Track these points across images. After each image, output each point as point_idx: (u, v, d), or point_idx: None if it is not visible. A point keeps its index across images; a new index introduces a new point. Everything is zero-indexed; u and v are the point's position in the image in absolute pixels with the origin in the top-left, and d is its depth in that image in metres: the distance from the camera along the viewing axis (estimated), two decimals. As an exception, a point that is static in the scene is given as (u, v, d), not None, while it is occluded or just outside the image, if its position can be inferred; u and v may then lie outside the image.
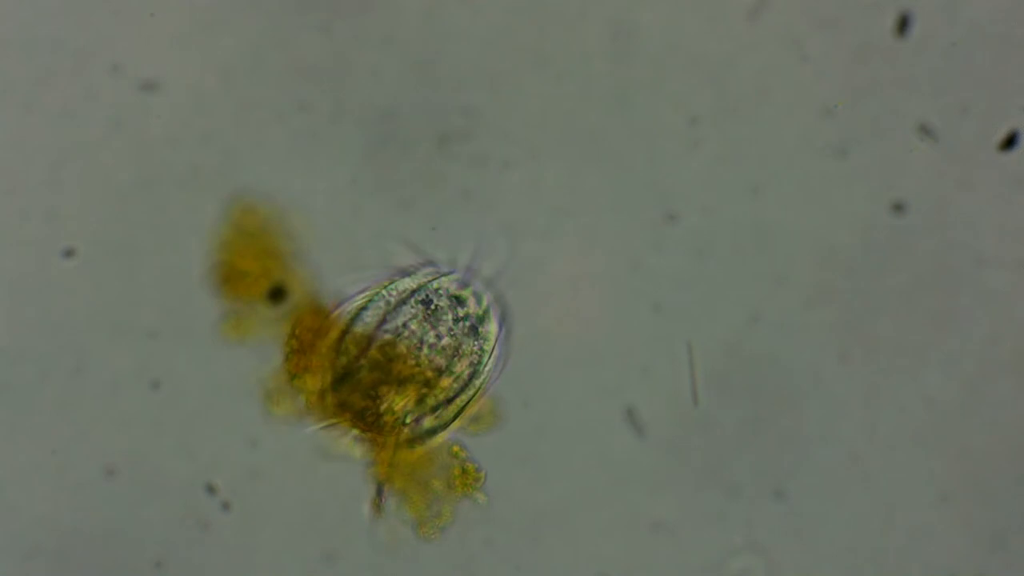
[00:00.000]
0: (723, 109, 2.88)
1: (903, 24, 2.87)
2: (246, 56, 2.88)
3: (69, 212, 2.86)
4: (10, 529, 2.86)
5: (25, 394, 2.85)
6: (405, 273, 2.85)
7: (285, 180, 2.85)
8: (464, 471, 2.84)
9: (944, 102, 2.88)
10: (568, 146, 2.88)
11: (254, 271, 2.82)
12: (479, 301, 2.85)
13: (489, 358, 2.84)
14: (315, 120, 2.86)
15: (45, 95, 2.86)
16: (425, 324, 2.81)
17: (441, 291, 2.83)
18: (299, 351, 2.82)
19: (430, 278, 2.84)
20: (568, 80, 2.88)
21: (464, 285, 2.84)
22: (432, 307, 2.82)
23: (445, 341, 2.81)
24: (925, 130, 2.84)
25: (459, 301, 2.83)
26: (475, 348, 2.83)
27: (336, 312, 2.84)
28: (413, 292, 2.82)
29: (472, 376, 2.82)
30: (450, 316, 2.82)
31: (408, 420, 2.80)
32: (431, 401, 2.80)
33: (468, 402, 2.83)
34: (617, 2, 2.89)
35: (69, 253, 2.85)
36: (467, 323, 2.82)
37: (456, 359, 2.81)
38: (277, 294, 2.83)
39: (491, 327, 2.84)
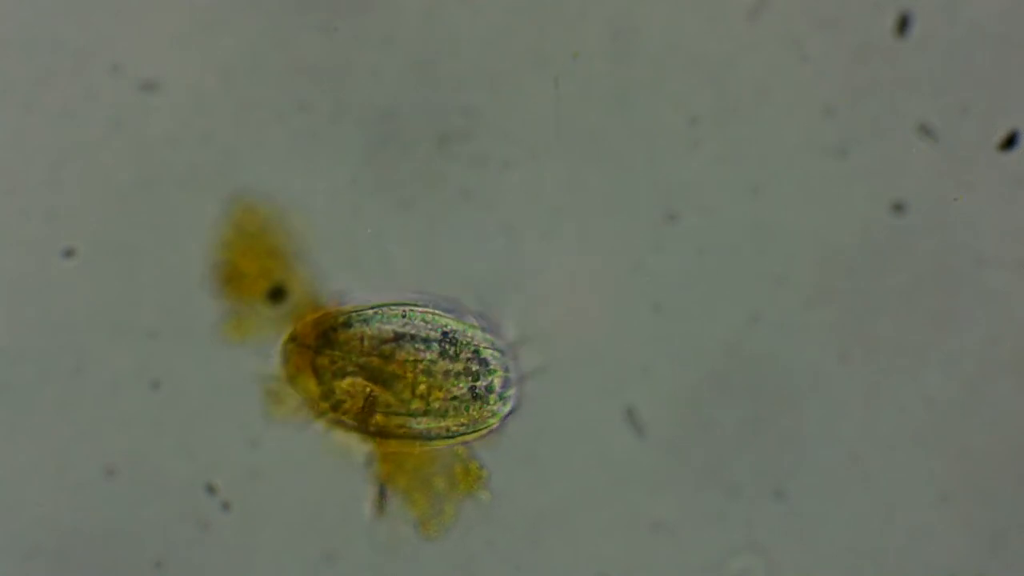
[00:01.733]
0: (723, 109, 2.88)
1: (903, 24, 2.87)
2: (246, 56, 2.88)
3: (69, 212, 2.86)
4: (10, 529, 2.86)
5: (25, 394, 2.85)
6: (453, 312, 2.86)
7: (285, 180, 2.85)
8: (467, 470, 2.84)
9: (944, 102, 2.89)
10: (568, 146, 2.88)
11: (254, 271, 2.82)
12: (503, 384, 2.86)
13: (480, 421, 2.84)
14: (315, 120, 2.86)
15: (45, 95, 2.86)
16: (434, 351, 2.82)
17: (471, 341, 2.84)
18: (299, 351, 2.83)
19: (473, 329, 2.85)
20: (568, 80, 2.88)
21: (500, 360, 2.85)
22: (452, 348, 2.82)
23: (440, 365, 2.81)
24: (925, 130, 2.84)
25: (480, 360, 2.84)
26: (462, 395, 2.83)
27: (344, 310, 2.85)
28: (446, 330, 2.83)
29: (443, 414, 2.82)
30: (462, 363, 2.83)
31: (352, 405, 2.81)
32: (392, 402, 2.80)
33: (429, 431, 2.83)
34: (617, 2, 2.89)
35: (69, 253, 2.85)
36: (473, 380, 2.83)
37: (438, 390, 2.81)
38: (277, 294, 2.83)
39: (496, 405, 2.85)
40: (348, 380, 2.80)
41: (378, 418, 2.81)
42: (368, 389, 2.76)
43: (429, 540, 2.84)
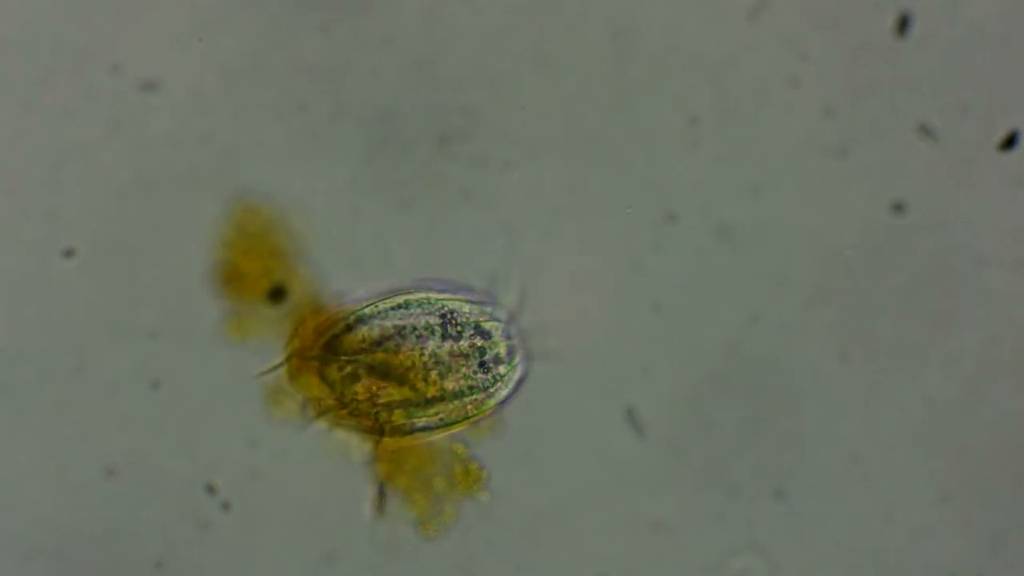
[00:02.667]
0: (723, 109, 2.88)
1: (903, 24, 2.87)
2: (246, 56, 2.88)
3: (69, 212, 2.86)
4: (10, 529, 2.86)
5: (25, 394, 2.85)
6: (445, 290, 2.86)
7: (285, 180, 2.85)
8: (467, 470, 2.84)
9: (944, 102, 2.89)
10: (568, 146, 2.88)
11: (255, 271, 2.82)
12: (508, 350, 2.86)
13: (490, 396, 2.84)
14: (315, 120, 2.86)
15: (45, 95, 2.86)
16: (437, 335, 2.82)
17: (470, 318, 2.84)
18: (300, 351, 2.83)
19: (468, 304, 2.85)
20: (568, 80, 2.88)
21: (500, 328, 2.85)
22: (454, 329, 2.83)
23: (445, 348, 2.81)
24: (925, 130, 2.84)
25: (483, 333, 2.84)
26: (473, 373, 2.83)
27: (343, 310, 2.85)
28: (443, 312, 2.83)
29: (459, 395, 2.82)
30: (466, 341, 2.83)
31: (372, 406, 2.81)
32: (409, 395, 2.80)
33: (448, 417, 2.83)
34: (617, 2, 2.89)
35: (69, 253, 2.85)
36: (480, 355, 2.83)
37: (449, 373, 2.81)
38: (277, 294, 2.83)
39: (507, 373, 2.85)
40: (359, 384, 2.81)
41: (393, 414, 2.81)
42: (375, 388, 2.76)
43: (429, 540, 2.84)
